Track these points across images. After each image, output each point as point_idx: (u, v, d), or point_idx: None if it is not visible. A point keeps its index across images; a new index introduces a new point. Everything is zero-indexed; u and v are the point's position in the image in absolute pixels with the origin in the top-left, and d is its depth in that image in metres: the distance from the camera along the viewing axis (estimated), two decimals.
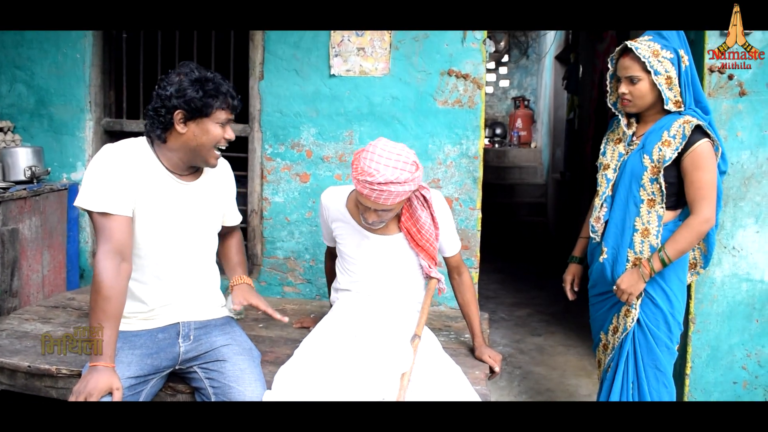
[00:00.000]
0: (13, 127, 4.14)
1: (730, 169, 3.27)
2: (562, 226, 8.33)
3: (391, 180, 2.28)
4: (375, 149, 2.34)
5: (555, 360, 4.61)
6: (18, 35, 4.10)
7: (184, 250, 2.43)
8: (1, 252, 3.44)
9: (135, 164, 2.28)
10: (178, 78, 2.25)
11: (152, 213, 2.32)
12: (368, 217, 2.44)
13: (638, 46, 2.56)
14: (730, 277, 3.36)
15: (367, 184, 2.30)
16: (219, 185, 2.54)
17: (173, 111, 2.23)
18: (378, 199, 2.33)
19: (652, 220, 2.60)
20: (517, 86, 13.16)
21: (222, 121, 2.29)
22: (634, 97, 2.61)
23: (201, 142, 2.28)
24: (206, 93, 2.23)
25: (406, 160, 2.34)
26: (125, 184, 2.24)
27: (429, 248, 2.62)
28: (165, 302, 2.43)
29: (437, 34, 3.62)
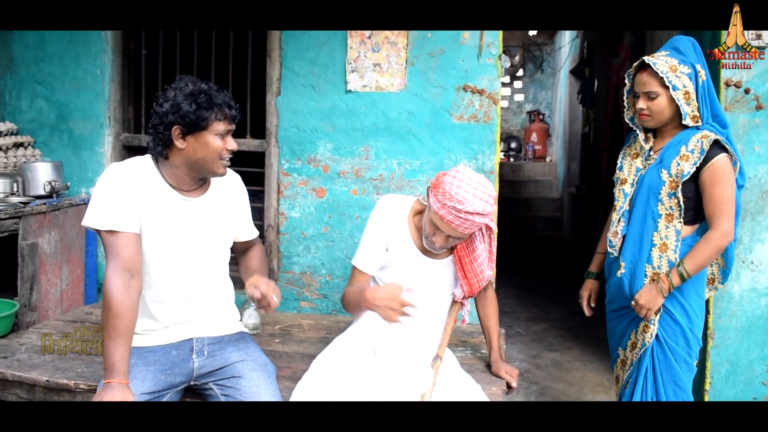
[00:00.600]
0: (33, 142, 4.19)
1: (748, 183, 3.25)
2: (578, 240, 8.29)
3: (478, 211, 2.28)
4: (463, 176, 2.32)
5: (572, 375, 4.58)
6: (39, 51, 4.16)
7: (194, 266, 2.42)
8: (21, 266, 3.47)
9: (140, 182, 2.30)
10: (173, 93, 2.26)
11: (158, 230, 2.32)
12: (437, 240, 2.41)
13: (656, 62, 2.55)
14: (749, 292, 3.33)
15: (454, 210, 2.27)
16: (227, 200, 2.53)
17: (170, 127, 2.24)
18: (459, 227, 2.30)
19: (670, 235, 2.59)
20: (532, 100, 13.15)
21: (221, 133, 2.28)
22: (653, 112, 2.61)
23: (202, 155, 2.28)
24: (200, 106, 2.22)
25: (491, 193, 2.34)
26: (131, 201, 2.25)
27: (474, 281, 2.59)
28: (178, 319, 2.44)
29: (453, 49, 3.64)
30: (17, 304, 3.36)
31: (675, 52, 2.59)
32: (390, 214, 2.59)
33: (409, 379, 2.31)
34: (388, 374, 2.34)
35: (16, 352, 2.97)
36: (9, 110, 4.25)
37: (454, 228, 2.31)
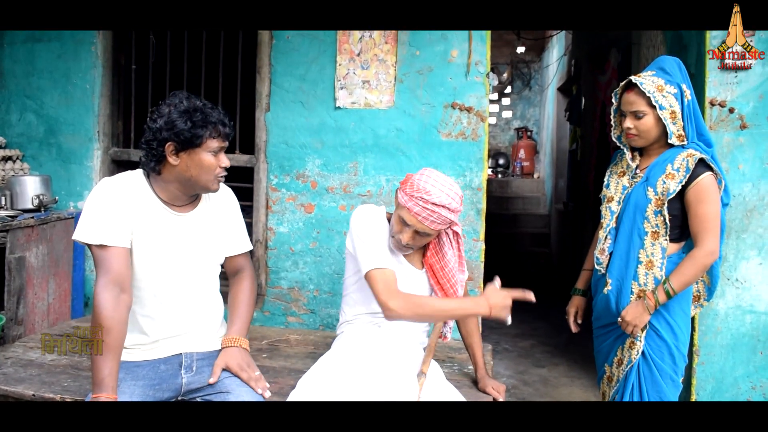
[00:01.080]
0: (22, 156, 4.19)
1: (733, 201, 3.29)
2: (565, 257, 8.33)
3: (444, 203, 2.35)
4: (431, 174, 2.43)
5: (559, 392, 4.59)
6: (29, 65, 4.17)
7: (183, 281, 2.41)
8: (8, 280, 3.46)
9: (130, 197, 2.30)
10: (168, 109, 2.26)
11: (148, 245, 2.32)
12: (404, 237, 2.44)
13: (643, 81, 2.58)
14: (734, 309, 3.36)
15: (421, 201, 2.35)
16: (218, 214, 2.52)
17: (164, 143, 2.24)
18: (425, 219, 2.37)
19: (656, 252, 2.61)
20: (520, 117, 13.24)
21: (214, 150, 2.29)
22: (640, 131, 2.63)
23: (195, 172, 2.29)
24: (195, 124, 2.22)
25: (458, 191, 2.43)
26: (121, 216, 2.25)
27: (447, 286, 2.61)
28: (166, 334, 2.43)
29: (441, 67, 3.67)
30: (3, 318, 3.35)
31: (661, 72, 2.62)
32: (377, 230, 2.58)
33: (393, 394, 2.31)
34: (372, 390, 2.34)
35: (2, 365, 2.94)
36: None
37: (421, 221, 2.37)
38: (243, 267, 2.65)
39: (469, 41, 3.64)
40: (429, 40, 3.69)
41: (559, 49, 9.79)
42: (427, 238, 2.48)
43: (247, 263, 2.66)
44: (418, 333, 2.68)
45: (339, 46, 3.77)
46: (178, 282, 2.40)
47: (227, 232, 2.56)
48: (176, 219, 2.38)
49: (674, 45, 3.85)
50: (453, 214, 2.40)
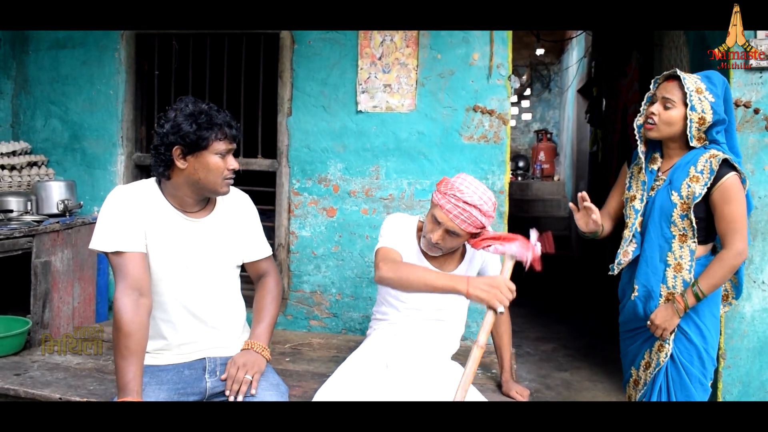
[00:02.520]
0: (47, 161, 4.24)
1: (759, 202, 3.26)
2: (587, 259, 8.28)
3: (475, 204, 2.40)
4: (467, 177, 2.50)
5: (582, 396, 4.56)
6: (54, 71, 4.22)
7: (202, 285, 2.43)
8: (34, 284, 3.49)
9: (143, 204, 2.33)
10: (174, 114, 2.29)
11: (163, 251, 2.34)
12: (435, 235, 2.48)
13: (686, 77, 2.56)
14: (760, 312, 3.33)
15: (453, 198, 2.41)
16: (234, 219, 2.53)
17: (171, 147, 2.27)
18: (456, 218, 2.41)
19: (685, 255, 2.59)
20: (540, 119, 13.19)
21: (221, 152, 2.30)
22: (661, 120, 2.60)
23: (203, 175, 2.30)
24: (200, 126, 2.24)
25: (491, 197, 2.48)
26: (135, 222, 2.29)
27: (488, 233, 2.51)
28: (189, 338, 2.45)
29: (462, 70, 3.67)
30: (30, 322, 3.38)
31: (706, 79, 2.58)
32: (401, 229, 2.68)
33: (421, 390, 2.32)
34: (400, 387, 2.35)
35: (28, 369, 2.98)
36: (23, 130, 4.30)
37: (452, 218, 2.42)
38: (266, 271, 2.66)
39: (491, 44, 3.63)
40: (450, 43, 3.68)
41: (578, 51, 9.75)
42: (457, 239, 2.50)
43: (270, 267, 2.66)
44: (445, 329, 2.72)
45: (360, 50, 3.78)
46: (196, 287, 2.42)
47: (245, 237, 2.57)
48: (190, 224, 2.40)
49: (697, 46, 3.82)
50: (484, 218, 2.44)
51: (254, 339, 2.49)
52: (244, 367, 2.38)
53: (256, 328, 2.53)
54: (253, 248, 2.60)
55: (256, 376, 2.39)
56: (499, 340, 2.84)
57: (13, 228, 3.41)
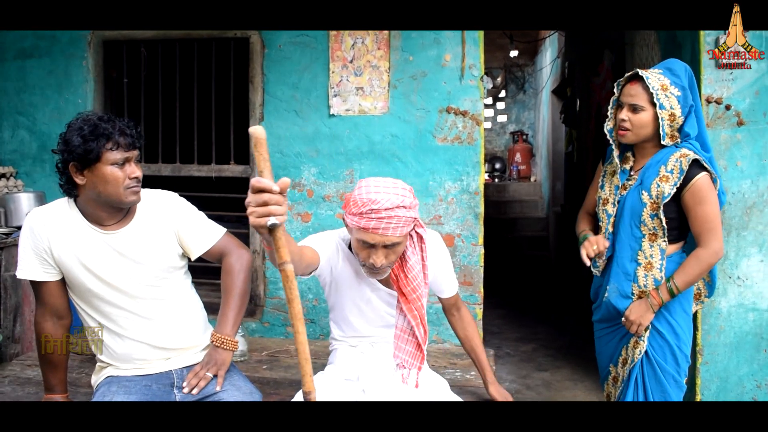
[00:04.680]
0: (15, 173, 4.16)
1: (732, 198, 3.28)
2: (564, 260, 8.31)
3: (397, 204, 2.11)
4: (368, 182, 2.20)
5: (563, 395, 4.56)
6: (20, 81, 4.14)
7: (138, 297, 2.36)
8: (4, 298, 3.43)
9: (57, 226, 2.29)
10: (67, 129, 2.22)
11: (86, 268, 2.30)
12: (376, 260, 2.19)
13: (649, 76, 2.54)
14: (737, 307, 3.34)
15: (374, 213, 2.10)
16: (158, 223, 2.41)
17: (67, 165, 2.21)
18: (386, 230, 2.12)
19: (655, 254, 2.59)
20: (515, 121, 13.25)
21: (117, 162, 2.20)
22: (634, 125, 2.59)
23: (102, 188, 2.21)
24: (84, 138, 2.15)
25: (404, 186, 2.21)
26: (47, 250, 2.29)
27: (414, 299, 2.35)
28: (143, 348, 2.39)
29: (435, 72, 3.66)
30: (1, 336, 3.31)
31: (669, 72, 2.57)
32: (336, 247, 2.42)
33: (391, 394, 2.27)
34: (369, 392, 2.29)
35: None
36: None
37: (383, 233, 2.13)
38: (223, 252, 2.51)
39: (463, 45, 3.63)
40: (422, 45, 3.67)
41: (552, 51, 9.80)
42: (399, 247, 2.23)
43: (225, 246, 2.52)
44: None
45: (331, 53, 3.75)
46: (133, 299, 2.36)
47: (182, 234, 2.44)
48: (106, 238, 2.32)
49: (668, 44, 3.84)
50: (411, 211, 2.16)
51: (219, 330, 2.42)
52: (206, 366, 2.38)
53: (220, 317, 2.45)
54: (197, 240, 2.46)
55: (221, 372, 2.38)
56: (470, 342, 2.65)
57: None
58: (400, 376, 2.40)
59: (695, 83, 2.60)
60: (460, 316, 2.67)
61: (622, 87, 2.67)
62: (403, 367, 2.40)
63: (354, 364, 2.46)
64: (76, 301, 2.40)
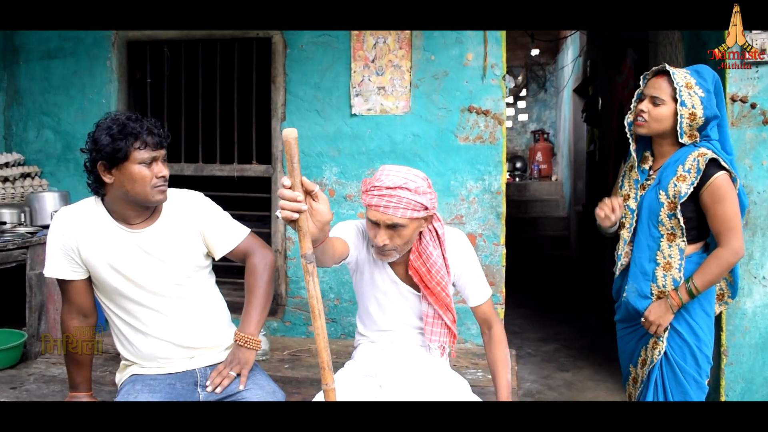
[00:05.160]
0: (40, 173, 4.21)
1: (757, 198, 3.24)
2: (586, 259, 8.25)
3: (399, 184, 2.16)
4: (386, 166, 2.29)
5: (584, 396, 4.53)
6: (45, 82, 4.19)
7: (163, 296, 2.38)
8: (29, 296, 3.46)
9: (83, 225, 2.32)
10: (95, 129, 2.26)
11: (112, 267, 2.32)
12: (379, 239, 2.23)
13: (675, 72, 2.53)
14: (762, 308, 3.30)
15: (375, 190, 2.19)
16: (182, 223, 2.43)
17: (96, 164, 2.24)
18: (387, 208, 2.17)
19: (674, 254, 2.57)
20: (536, 120, 13.17)
21: (145, 161, 2.22)
22: (651, 117, 2.57)
23: (130, 187, 2.24)
24: (113, 138, 2.19)
25: (417, 173, 2.25)
26: (74, 250, 2.31)
27: (439, 291, 2.39)
28: (167, 346, 2.41)
29: (457, 71, 3.65)
30: (25, 335, 3.35)
31: (696, 74, 2.56)
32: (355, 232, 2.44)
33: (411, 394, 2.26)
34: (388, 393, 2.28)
35: (24, 382, 2.96)
36: (16, 141, 4.27)
37: (383, 211, 2.17)
38: (247, 252, 2.53)
39: (485, 44, 3.61)
40: (444, 44, 3.66)
41: (573, 50, 9.73)
42: (404, 232, 2.24)
43: (250, 246, 2.54)
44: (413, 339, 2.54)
45: (353, 53, 3.76)
46: (157, 298, 2.38)
47: (208, 234, 2.46)
48: (133, 236, 2.34)
49: (692, 43, 3.80)
50: (417, 195, 2.19)
51: (242, 329, 2.44)
52: (230, 365, 2.40)
53: (244, 316, 2.47)
54: (221, 240, 2.48)
55: (244, 371, 2.39)
56: (494, 365, 2.48)
57: (7, 240, 3.38)
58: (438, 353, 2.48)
59: (722, 91, 2.58)
60: (491, 335, 2.52)
61: (647, 80, 2.66)
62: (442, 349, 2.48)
63: (373, 360, 2.47)
64: (102, 300, 2.43)
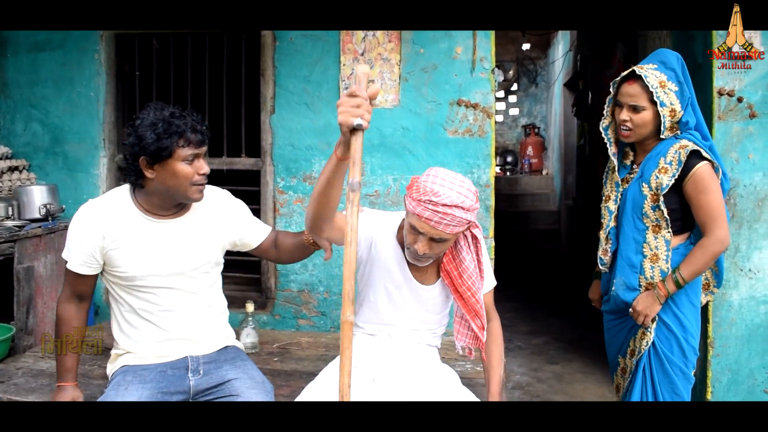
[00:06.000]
0: (28, 166, 4.19)
1: (744, 191, 3.26)
2: (576, 253, 8.29)
3: (456, 203, 2.09)
4: (438, 173, 2.17)
5: (573, 388, 4.56)
6: (33, 74, 4.17)
7: (179, 286, 2.43)
8: (17, 290, 3.45)
9: (108, 218, 2.34)
10: (138, 122, 2.28)
11: (134, 255, 2.35)
12: (419, 247, 2.19)
13: (647, 75, 2.53)
14: (748, 300, 3.32)
15: (431, 205, 2.10)
16: (211, 217, 2.49)
17: (137, 158, 2.26)
18: (438, 224, 2.11)
19: (660, 246, 2.59)
20: (527, 114, 13.18)
21: (188, 158, 2.26)
22: (635, 125, 2.59)
23: (172, 183, 2.28)
24: (159, 136, 2.21)
25: (470, 188, 2.18)
26: (95, 247, 2.34)
27: (469, 297, 2.36)
28: (172, 336, 2.46)
29: (446, 64, 3.66)
30: (14, 328, 3.34)
31: (663, 66, 2.57)
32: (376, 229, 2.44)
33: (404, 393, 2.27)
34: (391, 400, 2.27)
35: (12, 376, 2.95)
36: (3, 134, 4.25)
37: (434, 226, 2.12)
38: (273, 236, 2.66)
39: (474, 37, 3.62)
40: (433, 38, 3.66)
41: (564, 44, 9.75)
42: (446, 244, 2.23)
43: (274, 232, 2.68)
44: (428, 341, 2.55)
45: (342, 46, 3.75)
46: (174, 287, 2.43)
47: (239, 229, 2.56)
48: (158, 227, 2.39)
49: (680, 36, 3.81)
50: (469, 213, 2.14)
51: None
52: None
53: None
54: (253, 232, 2.61)
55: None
56: (489, 357, 2.49)
57: None
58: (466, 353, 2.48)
59: (687, 72, 2.59)
60: (489, 328, 2.51)
61: (618, 86, 2.67)
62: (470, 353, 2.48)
63: (368, 354, 2.47)
64: (113, 287, 2.44)
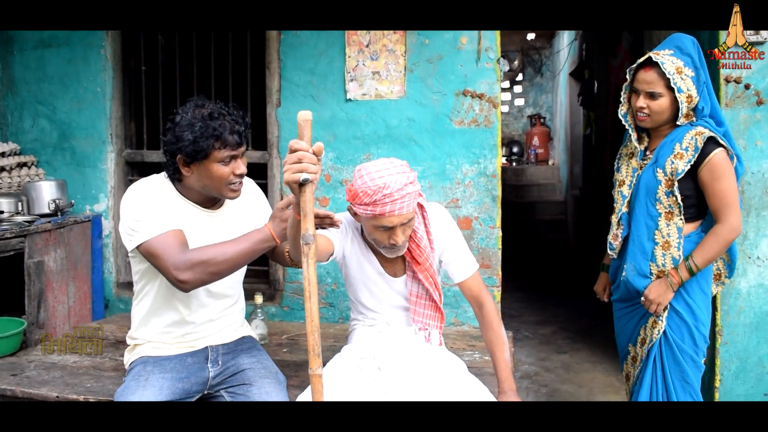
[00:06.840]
0: (36, 162, 4.21)
1: (752, 178, 3.25)
2: (583, 243, 8.28)
3: (405, 182, 2.18)
4: (369, 168, 2.24)
5: (581, 377, 4.57)
6: (40, 71, 4.18)
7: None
8: (28, 284, 3.48)
9: (160, 198, 2.35)
10: (178, 119, 2.28)
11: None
12: (397, 239, 2.26)
13: (664, 61, 2.53)
14: (756, 288, 3.32)
15: (387, 198, 2.15)
16: (247, 207, 2.56)
17: (175, 156, 2.28)
18: (402, 209, 2.18)
19: (672, 233, 2.58)
20: (533, 104, 13.16)
21: (224, 160, 2.26)
22: (653, 111, 2.59)
23: (208, 182, 2.30)
24: (196, 138, 2.21)
25: (400, 162, 2.27)
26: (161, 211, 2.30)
27: (429, 267, 2.44)
28: (195, 329, 2.49)
29: (451, 55, 3.65)
30: (25, 322, 3.37)
31: (678, 51, 2.56)
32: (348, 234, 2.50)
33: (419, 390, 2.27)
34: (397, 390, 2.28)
35: (25, 369, 2.97)
36: (12, 131, 4.27)
37: (399, 213, 2.19)
38: None
39: None
40: None
41: (569, 34, 9.72)
42: (413, 220, 2.31)
43: None
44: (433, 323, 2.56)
45: (347, 38, 3.75)
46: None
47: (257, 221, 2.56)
48: (207, 218, 2.43)
49: None
50: (416, 185, 2.23)
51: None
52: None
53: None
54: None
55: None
56: (489, 346, 2.47)
57: (4, 229, 3.40)
58: (422, 337, 2.49)
59: (703, 56, 2.59)
60: (482, 314, 2.50)
61: (635, 73, 2.66)
62: (424, 329, 2.49)
63: (371, 343, 2.50)
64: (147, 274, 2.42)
